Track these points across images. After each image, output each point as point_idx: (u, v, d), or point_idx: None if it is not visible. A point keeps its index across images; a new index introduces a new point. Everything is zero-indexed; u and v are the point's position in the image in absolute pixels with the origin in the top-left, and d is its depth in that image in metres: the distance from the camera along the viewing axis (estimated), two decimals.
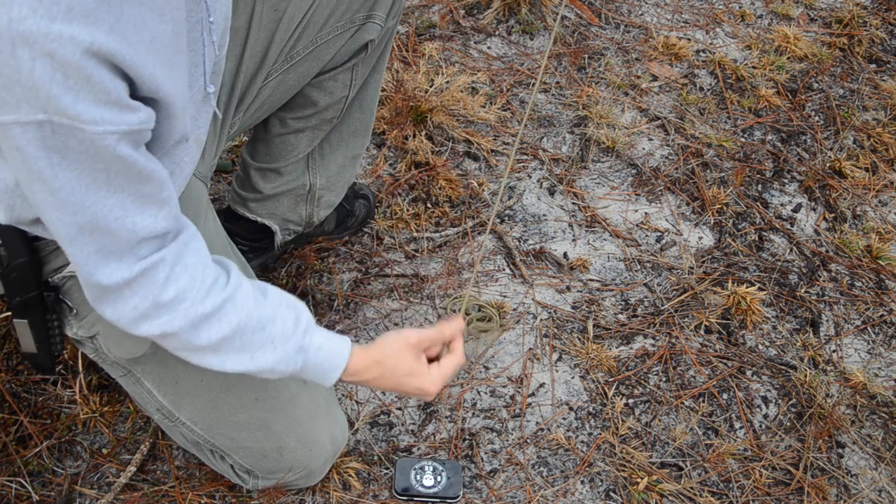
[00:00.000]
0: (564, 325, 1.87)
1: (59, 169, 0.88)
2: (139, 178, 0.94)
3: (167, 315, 1.05)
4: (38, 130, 0.84)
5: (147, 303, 1.03)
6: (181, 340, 1.09)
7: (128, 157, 0.91)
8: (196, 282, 1.06)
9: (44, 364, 1.28)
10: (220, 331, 1.09)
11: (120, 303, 1.03)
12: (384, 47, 1.63)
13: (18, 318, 1.22)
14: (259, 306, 1.13)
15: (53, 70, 0.80)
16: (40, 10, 0.78)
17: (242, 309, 1.11)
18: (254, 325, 1.12)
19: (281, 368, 1.16)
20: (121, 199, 0.94)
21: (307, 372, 1.20)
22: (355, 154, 1.78)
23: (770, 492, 1.64)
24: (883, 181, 2.28)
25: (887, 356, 1.91)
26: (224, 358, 1.13)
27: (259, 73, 1.45)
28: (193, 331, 1.08)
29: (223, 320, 1.09)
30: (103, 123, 0.85)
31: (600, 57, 2.50)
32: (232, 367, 1.14)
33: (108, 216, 0.94)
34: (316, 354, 1.18)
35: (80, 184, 0.90)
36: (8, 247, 1.16)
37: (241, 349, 1.12)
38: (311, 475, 1.48)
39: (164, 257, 1.02)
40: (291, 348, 1.16)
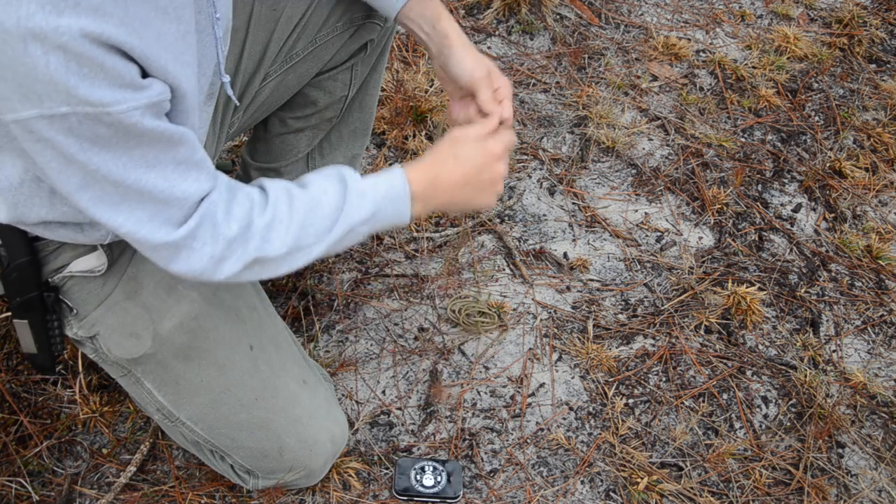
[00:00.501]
0: (564, 325, 1.87)
1: (92, 153, 0.90)
2: (171, 145, 0.96)
3: (241, 247, 1.07)
4: (64, 121, 0.86)
5: (220, 245, 1.05)
6: (264, 260, 1.10)
7: (156, 128, 0.92)
8: (246, 204, 1.08)
9: (44, 364, 1.28)
10: (288, 229, 1.10)
11: (195, 257, 1.05)
12: (384, 47, 1.63)
13: (18, 319, 1.23)
14: (305, 191, 1.14)
15: (67, 61, 0.82)
16: (48, 7, 0.79)
17: (294, 201, 1.12)
18: (311, 207, 1.12)
19: (357, 220, 1.15)
20: (161, 172, 0.96)
21: (381, 211, 1.18)
22: (355, 154, 1.78)
23: (770, 492, 1.64)
24: (883, 181, 2.28)
25: (887, 356, 1.91)
26: (309, 249, 1.13)
27: (258, 72, 1.45)
28: (267, 244, 1.09)
29: (284, 220, 1.10)
30: (125, 102, 0.87)
31: (600, 57, 2.50)
32: (321, 251, 1.14)
33: (154, 189, 0.97)
34: (375, 189, 1.17)
35: (118, 164, 0.92)
36: (8, 247, 1.16)
37: (316, 232, 1.13)
38: (311, 475, 1.48)
39: (213, 200, 1.04)
40: (353, 197, 1.15)
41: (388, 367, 1.77)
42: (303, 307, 1.83)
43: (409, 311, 1.86)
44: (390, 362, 1.78)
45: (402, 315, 1.85)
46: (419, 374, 1.76)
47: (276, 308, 1.78)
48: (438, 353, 1.80)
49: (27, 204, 1.08)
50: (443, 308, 1.87)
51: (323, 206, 1.13)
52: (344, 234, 1.16)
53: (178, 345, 1.29)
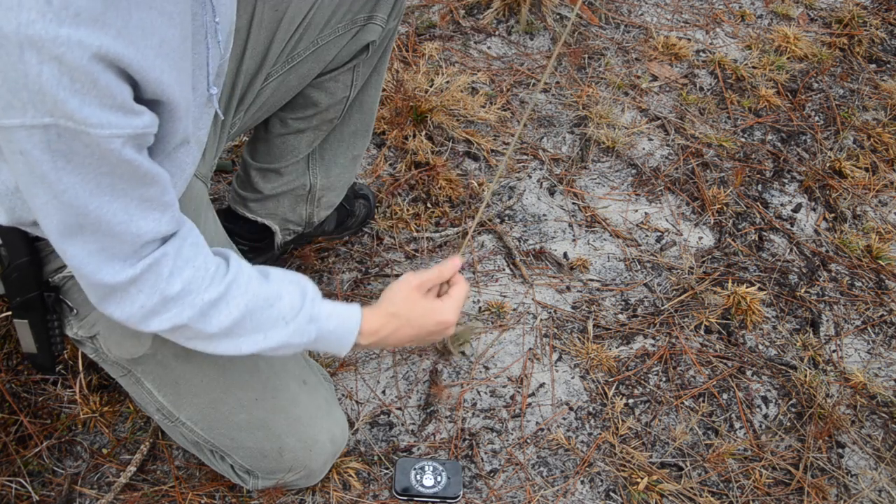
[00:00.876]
0: (564, 325, 1.87)
1: (64, 173, 0.89)
2: (142, 182, 0.95)
3: (176, 308, 1.06)
4: (44, 134, 0.85)
5: (154, 299, 1.04)
6: (193, 331, 1.10)
7: (133, 161, 0.91)
8: (199, 272, 1.07)
9: (44, 364, 1.28)
10: (230, 315, 1.10)
11: (127, 302, 1.04)
12: (385, 48, 1.63)
13: (19, 319, 1.23)
14: (263, 286, 1.14)
15: (61, 74, 0.81)
16: (49, 15, 0.78)
17: (248, 291, 1.12)
18: (261, 304, 1.13)
19: (296, 342, 1.17)
20: (124, 204, 0.95)
21: (322, 341, 1.20)
22: (356, 154, 1.78)
23: (770, 492, 1.64)
24: (883, 181, 2.28)
25: (887, 356, 1.91)
26: (238, 342, 1.13)
27: (259, 73, 1.45)
28: (203, 319, 1.09)
29: (230, 304, 1.10)
30: (109, 127, 0.86)
31: (600, 57, 2.50)
32: (248, 349, 1.14)
33: (112, 220, 0.95)
34: (328, 321, 1.19)
35: (85, 188, 0.91)
36: (9, 247, 1.16)
37: (253, 330, 1.13)
38: (311, 475, 1.48)
39: (166, 252, 1.03)
40: (302, 319, 1.16)
41: (388, 367, 1.77)
42: None
43: None
44: (390, 362, 1.78)
45: None
46: (419, 374, 1.76)
47: None
48: (438, 353, 1.79)
49: (24, 208, 1.08)
50: None
51: (273, 309, 1.14)
52: (279, 345, 1.16)
53: (178, 345, 1.29)
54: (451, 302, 1.31)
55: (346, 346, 1.23)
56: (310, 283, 1.21)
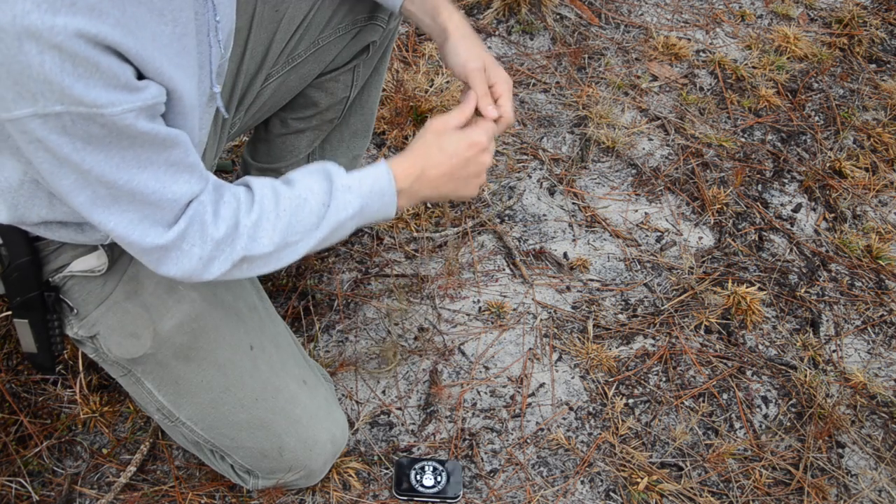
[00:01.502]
0: (564, 325, 1.87)
1: (86, 153, 0.90)
2: (164, 146, 0.96)
3: (228, 246, 1.07)
4: (58, 120, 0.86)
5: (209, 246, 1.06)
6: (251, 258, 1.10)
7: (150, 130, 0.93)
8: (232, 205, 1.08)
9: (44, 364, 1.28)
10: (276, 227, 1.11)
11: (185, 259, 1.05)
12: (385, 48, 1.63)
13: (19, 318, 1.23)
14: (291, 188, 1.14)
15: (62, 61, 0.81)
16: (44, 5, 0.79)
17: (280, 199, 1.12)
18: (298, 203, 1.13)
19: (344, 216, 1.16)
20: (153, 173, 0.97)
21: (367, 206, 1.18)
22: (356, 154, 1.78)
23: (770, 492, 1.64)
24: (883, 181, 2.28)
25: (887, 356, 1.91)
26: (297, 247, 1.14)
27: (260, 73, 1.45)
28: (254, 242, 1.09)
29: (271, 217, 1.10)
30: (119, 104, 0.87)
31: (600, 57, 2.50)
32: (309, 247, 1.15)
33: (145, 190, 0.97)
34: (360, 184, 1.17)
35: (111, 164, 0.92)
36: (9, 247, 1.16)
37: (304, 230, 1.13)
38: (311, 475, 1.48)
39: (201, 200, 1.05)
40: (339, 193, 1.15)
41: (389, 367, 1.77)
42: (303, 307, 1.83)
43: (409, 311, 1.86)
44: None
45: (402, 315, 1.85)
46: (419, 374, 1.76)
47: (277, 308, 1.78)
48: (438, 353, 1.80)
49: (27, 205, 1.08)
50: (443, 307, 1.87)
51: (309, 203, 1.14)
52: (332, 231, 1.16)
53: (179, 345, 1.29)
54: (479, 127, 1.27)
55: (390, 196, 1.20)
56: (330, 164, 1.20)
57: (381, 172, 1.20)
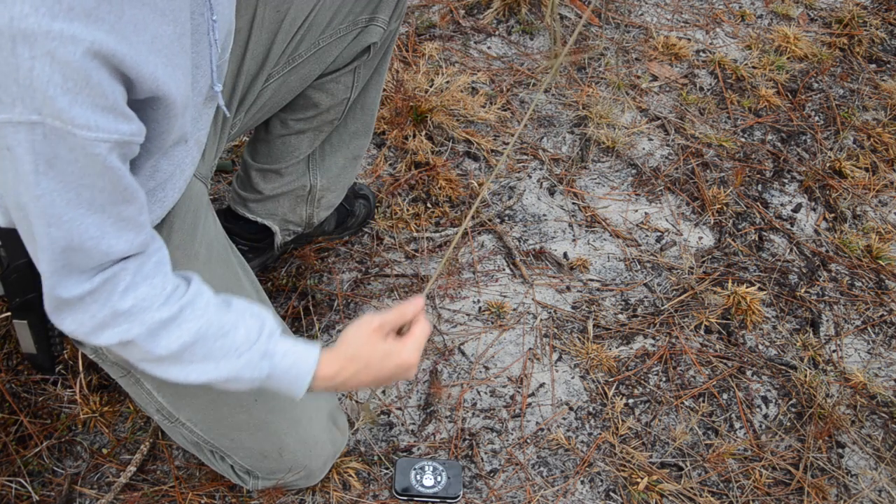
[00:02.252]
0: (564, 325, 1.87)
1: (44, 178, 0.87)
2: (122, 198, 0.93)
3: (125, 323, 1.03)
4: (30, 132, 0.83)
5: (105, 311, 1.01)
6: (140, 350, 1.06)
7: (116, 171, 0.90)
8: (155, 290, 1.04)
9: (43, 364, 1.28)
10: (180, 338, 1.06)
11: (79, 312, 1.01)
12: (386, 49, 1.63)
13: (18, 319, 1.22)
14: (221, 314, 1.10)
15: (52, 71, 0.80)
16: (42, 9, 0.77)
17: (203, 316, 1.08)
18: (215, 333, 1.08)
19: (247, 376, 1.12)
20: (100, 221, 0.93)
21: (275, 379, 1.14)
22: (356, 155, 1.78)
23: (770, 492, 1.64)
24: (883, 181, 2.28)
25: (887, 356, 1.91)
26: (187, 368, 1.09)
27: (260, 74, 1.45)
28: (152, 339, 1.05)
29: (182, 327, 1.06)
30: (97, 130, 0.85)
31: (600, 57, 2.50)
32: (196, 378, 1.10)
33: (84, 235, 0.93)
34: (282, 360, 1.13)
35: (63, 198, 0.89)
36: (8, 248, 1.16)
37: (203, 358, 1.09)
38: (311, 475, 1.48)
39: (125, 267, 1.01)
40: (256, 354, 1.11)
41: None
42: (303, 307, 1.83)
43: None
44: None
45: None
46: (419, 374, 1.76)
47: (277, 308, 1.78)
48: (438, 353, 1.80)
49: None
50: (442, 308, 1.87)
51: (227, 339, 1.09)
52: (230, 377, 1.11)
53: None
54: (413, 342, 1.23)
55: (300, 388, 1.16)
56: (271, 317, 1.16)
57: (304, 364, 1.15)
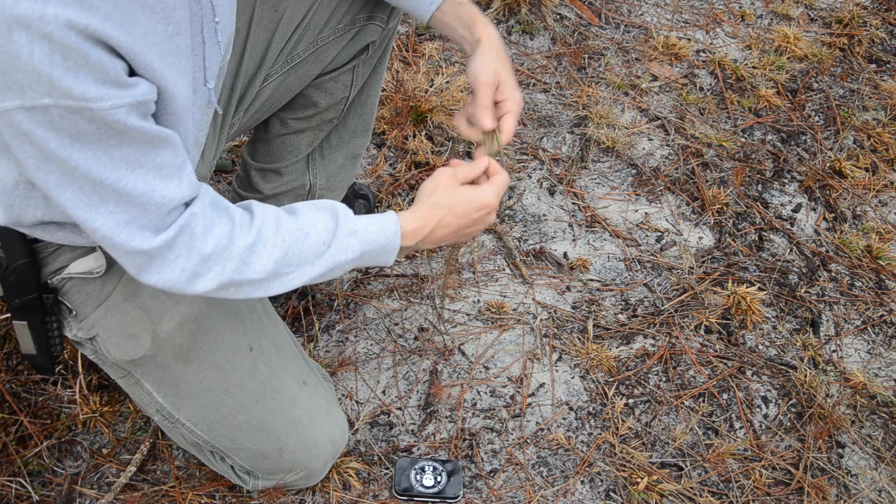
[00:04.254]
0: (564, 325, 1.87)
1: (73, 150, 0.88)
2: (153, 146, 0.95)
3: (216, 265, 1.06)
4: (46, 114, 0.84)
5: (193, 260, 1.04)
6: (240, 282, 1.09)
7: (140, 128, 0.91)
8: (228, 225, 1.07)
9: (43, 365, 1.28)
10: (271, 255, 1.09)
11: (167, 268, 1.03)
12: (385, 48, 1.63)
13: (18, 320, 1.23)
14: (294, 220, 1.13)
15: (52, 52, 0.80)
16: None
17: (280, 228, 1.11)
18: (297, 237, 1.12)
19: (343, 259, 1.15)
20: (142, 175, 0.95)
21: (368, 253, 1.17)
22: (355, 154, 1.78)
23: (770, 492, 1.64)
24: (883, 181, 2.28)
25: (887, 356, 1.91)
26: (288, 278, 1.13)
27: (259, 73, 1.45)
28: (246, 267, 1.08)
29: (268, 245, 1.09)
30: (109, 99, 0.86)
31: (600, 57, 2.50)
32: (300, 282, 1.14)
33: (133, 192, 0.95)
34: (367, 231, 1.16)
35: (98, 163, 0.91)
36: (7, 249, 1.16)
37: (299, 263, 1.12)
38: (311, 475, 1.48)
39: (194, 212, 1.03)
40: (342, 235, 1.14)
41: (389, 367, 1.77)
42: (303, 307, 1.83)
43: (409, 311, 1.86)
44: (390, 362, 1.78)
45: (402, 315, 1.85)
46: (419, 374, 1.76)
47: (276, 308, 1.78)
48: (438, 353, 1.80)
49: (23, 206, 1.08)
50: (442, 308, 1.87)
51: (311, 238, 1.13)
52: (327, 270, 1.15)
53: (178, 346, 1.29)
54: (492, 186, 1.27)
55: (393, 250, 1.19)
56: (339, 203, 1.19)
57: (389, 225, 1.19)
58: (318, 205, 1.18)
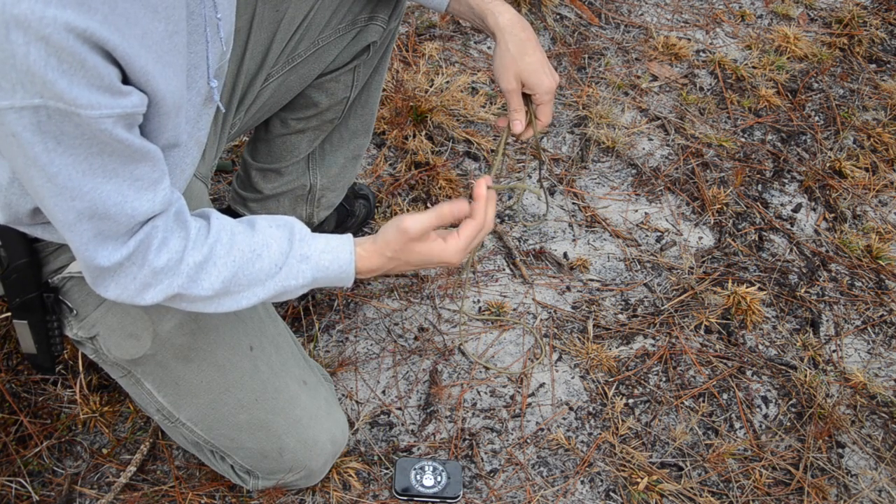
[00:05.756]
0: (564, 325, 1.87)
1: (55, 154, 0.89)
2: (133, 159, 0.95)
3: (166, 279, 1.06)
4: (34, 115, 0.85)
5: (145, 271, 1.04)
6: (188, 297, 1.09)
7: (124, 140, 0.92)
8: (183, 239, 1.07)
9: (43, 364, 1.28)
10: (219, 275, 1.09)
11: (121, 277, 1.04)
12: (386, 49, 1.63)
13: (18, 319, 1.23)
14: (249, 238, 1.12)
15: (48, 54, 0.81)
16: None
17: (233, 247, 1.10)
18: (249, 257, 1.11)
19: (294, 284, 1.14)
20: (117, 185, 0.95)
21: (321, 279, 1.17)
22: (356, 154, 1.78)
23: (770, 492, 1.64)
24: (883, 181, 2.28)
25: (887, 356, 1.91)
26: (237, 298, 1.13)
27: (260, 73, 1.45)
28: (194, 283, 1.08)
29: (217, 264, 1.09)
30: (99, 108, 0.86)
31: (600, 57, 2.50)
32: (248, 303, 1.14)
33: (107, 202, 0.95)
34: (319, 258, 1.15)
35: (77, 170, 0.91)
36: (8, 248, 1.16)
37: (248, 284, 1.12)
38: (311, 475, 1.48)
39: (155, 225, 1.03)
40: (294, 261, 1.14)
41: (389, 367, 1.77)
42: (303, 307, 1.83)
43: (409, 311, 1.86)
44: (390, 362, 1.78)
45: (402, 315, 1.85)
46: (419, 374, 1.76)
47: (276, 308, 1.78)
48: (438, 353, 1.80)
49: (19, 202, 1.08)
50: (442, 308, 1.87)
51: (262, 259, 1.12)
52: (277, 293, 1.15)
53: (178, 346, 1.29)
54: (455, 243, 1.20)
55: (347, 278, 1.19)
56: (297, 222, 1.17)
57: (343, 254, 1.17)
58: (278, 221, 1.17)
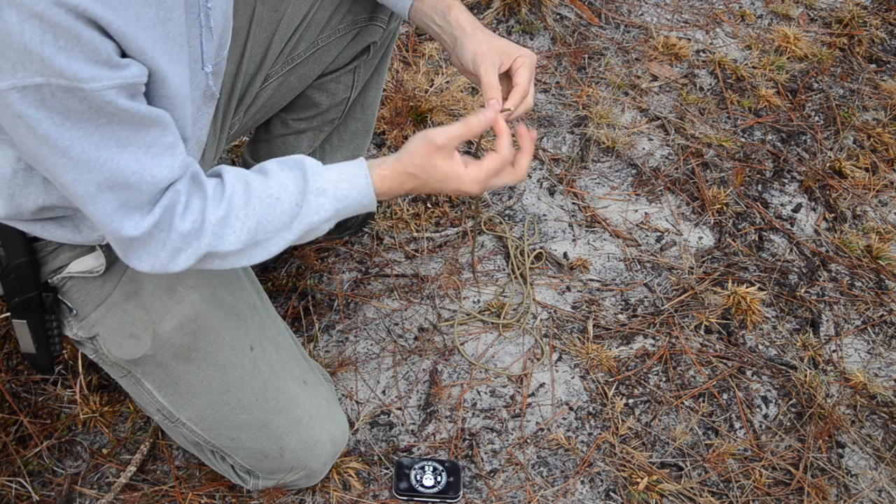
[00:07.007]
0: (564, 325, 1.87)
1: (65, 129, 0.89)
2: (143, 125, 0.95)
3: (195, 240, 1.06)
4: (37, 93, 0.85)
5: (173, 237, 1.04)
6: (220, 254, 1.09)
7: (130, 108, 0.91)
8: (202, 199, 1.07)
9: (42, 364, 1.28)
10: (243, 225, 1.09)
11: (152, 246, 1.04)
12: (386, 49, 1.63)
13: (17, 319, 1.23)
14: (264, 183, 1.11)
15: (43, 31, 0.80)
16: None
17: (250, 195, 1.10)
18: (269, 203, 1.10)
19: (317, 219, 1.13)
20: (133, 153, 0.95)
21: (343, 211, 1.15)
22: (356, 154, 1.78)
23: (770, 492, 1.64)
24: (883, 181, 2.28)
25: (887, 356, 1.91)
26: (268, 244, 1.12)
27: (259, 73, 1.45)
28: (221, 240, 1.07)
29: (239, 215, 1.08)
30: (100, 80, 0.86)
31: (600, 57, 2.50)
32: (280, 248, 1.13)
33: (125, 171, 0.95)
34: (337, 188, 1.13)
35: (89, 142, 0.91)
36: (7, 247, 1.16)
37: (275, 230, 1.11)
38: (311, 475, 1.48)
39: (177, 189, 1.03)
40: (312, 196, 1.12)
41: (389, 367, 1.77)
42: (303, 307, 1.83)
43: (409, 311, 1.86)
44: (390, 362, 1.78)
45: (402, 315, 1.85)
46: (419, 374, 1.76)
47: (277, 308, 1.78)
48: (438, 353, 1.80)
49: (23, 194, 1.07)
50: (443, 308, 1.87)
51: (282, 203, 1.11)
52: (304, 232, 1.14)
53: (178, 346, 1.29)
54: (476, 173, 1.17)
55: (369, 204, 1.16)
56: (307, 158, 1.16)
57: (359, 179, 1.15)
58: (289, 162, 1.15)
